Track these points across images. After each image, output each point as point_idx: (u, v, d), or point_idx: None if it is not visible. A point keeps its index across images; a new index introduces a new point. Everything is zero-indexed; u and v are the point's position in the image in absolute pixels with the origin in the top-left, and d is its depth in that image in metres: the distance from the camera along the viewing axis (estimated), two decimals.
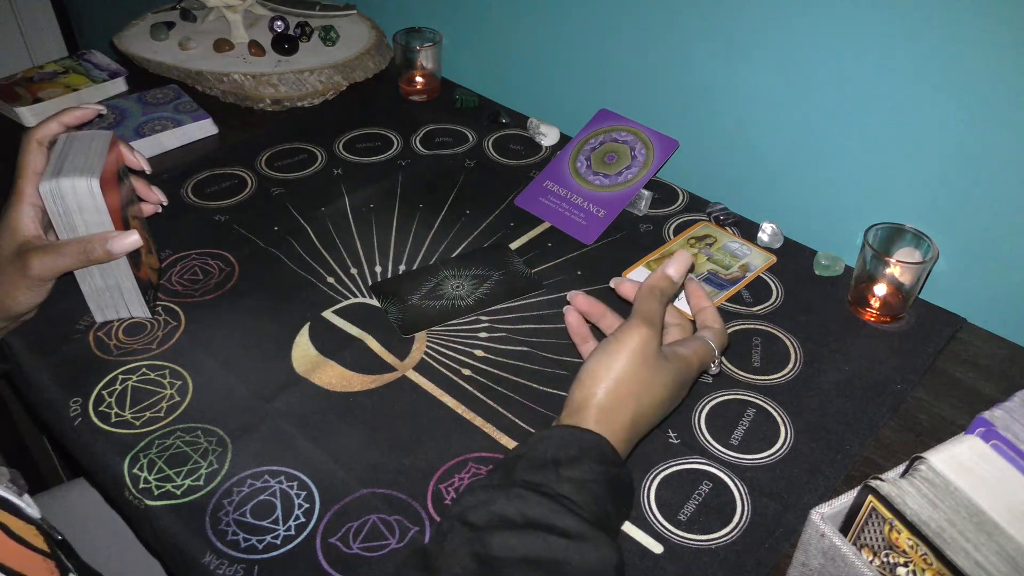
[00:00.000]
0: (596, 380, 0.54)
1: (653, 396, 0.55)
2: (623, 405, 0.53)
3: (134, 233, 0.65)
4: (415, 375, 0.69)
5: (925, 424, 0.66)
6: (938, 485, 0.45)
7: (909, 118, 0.74)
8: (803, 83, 0.80)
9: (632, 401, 0.54)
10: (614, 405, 0.53)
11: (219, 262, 0.80)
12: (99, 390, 0.66)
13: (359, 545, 0.56)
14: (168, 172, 0.92)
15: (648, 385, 0.54)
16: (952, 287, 0.77)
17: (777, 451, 0.63)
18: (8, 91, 1.02)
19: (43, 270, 0.64)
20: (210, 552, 0.55)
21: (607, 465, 0.51)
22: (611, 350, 0.55)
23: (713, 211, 0.87)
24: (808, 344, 0.72)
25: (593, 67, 0.98)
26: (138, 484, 0.59)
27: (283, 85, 1.04)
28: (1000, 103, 0.68)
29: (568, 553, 0.46)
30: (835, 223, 0.84)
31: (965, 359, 0.72)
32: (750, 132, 0.87)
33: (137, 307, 0.72)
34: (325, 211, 0.87)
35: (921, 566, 0.44)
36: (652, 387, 0.54)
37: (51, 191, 0.62)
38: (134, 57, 1.09)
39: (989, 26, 0.66)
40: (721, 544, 0.56)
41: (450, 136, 1.01)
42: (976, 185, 0.73)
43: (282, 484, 0.60)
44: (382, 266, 0.80)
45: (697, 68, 0.87)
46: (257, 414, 0.65)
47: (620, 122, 0.91)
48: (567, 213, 0.86)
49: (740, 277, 0.80)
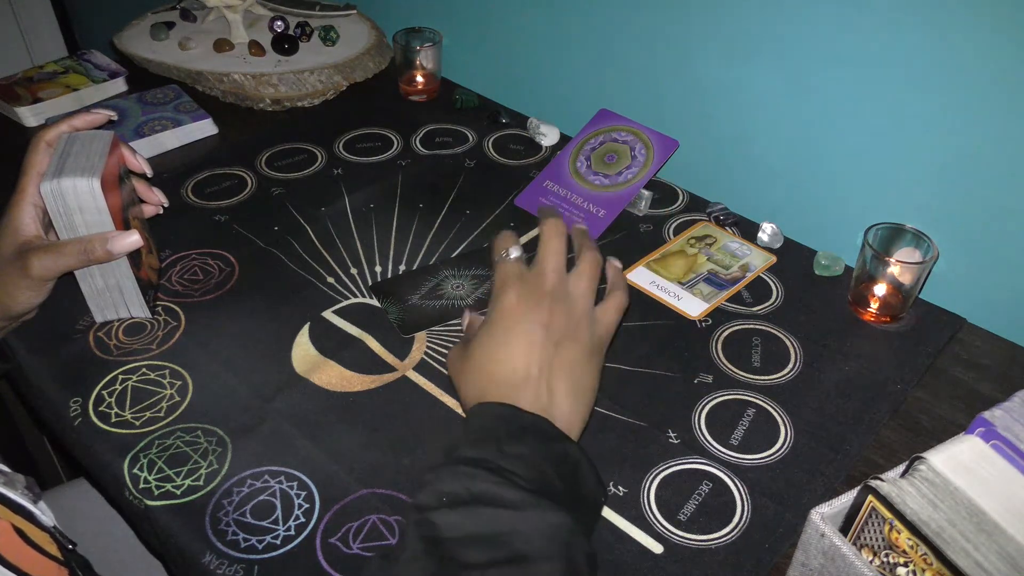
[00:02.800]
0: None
1: (593, 377, 0.56)
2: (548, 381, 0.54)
3: (134, 233, 0.65)
4: (415, 375, 0.69)
5: (925, 424, 0.66)
6: (938, 485, 0.45)
7: (909, 118, 0.74)
8: (803, 83, 0.80)
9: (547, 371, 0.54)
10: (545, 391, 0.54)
11: (219, 262, 0.80)
12: (99, 390, 0.66)
13: (359, 545, 0.56)
14: (168, 172, 0.92)
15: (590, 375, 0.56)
16: (952, 287, 0.77)
17: (777, 451, 0.63)
18: (8, 91, 1.02)
19: (43, 270, 0.64)
20: (210, 552, 0.55)
21: (550, 442, 0.51)
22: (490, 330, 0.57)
23: (713, 211, 0.87)
24: (808, 344, 0.72)
25: (593, 67, 0.98)
26: (138, 484, 0.59)
27: (283, 85, 1.04)
28: (1000, 103, 0.68)
29: (514, 522, 0.45)
30: (835, 223, 0.84)
31: (965, 359, 0.72)
32: (750, 132, 0.87)
33: (137, 307, 0.72)
34: (325, 211, 0.87)
35: (921, 566, 0.44)
36: (592, 373, 0.56)
37: (52, 191, 0.62)
38: (134, 57, 1.09)
39: (989, 26, 0.66)
40: (721, 544, 0.56)
41: (450, 136, 1.01)
42: (976, 185, 0.73)
43: (282, 484, 0.60)
44: (382, 266, 0.80)
45: (697, 68, 0.87)
46: (257, 414, 0.65)
47: (620, 122, 0.91)
48: (567, 213, 0.86)
49: (740, 277, 0.80)
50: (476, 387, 0.55)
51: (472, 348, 0.57)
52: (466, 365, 0.57)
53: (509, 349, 0.54)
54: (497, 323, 0.56)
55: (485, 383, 0.55)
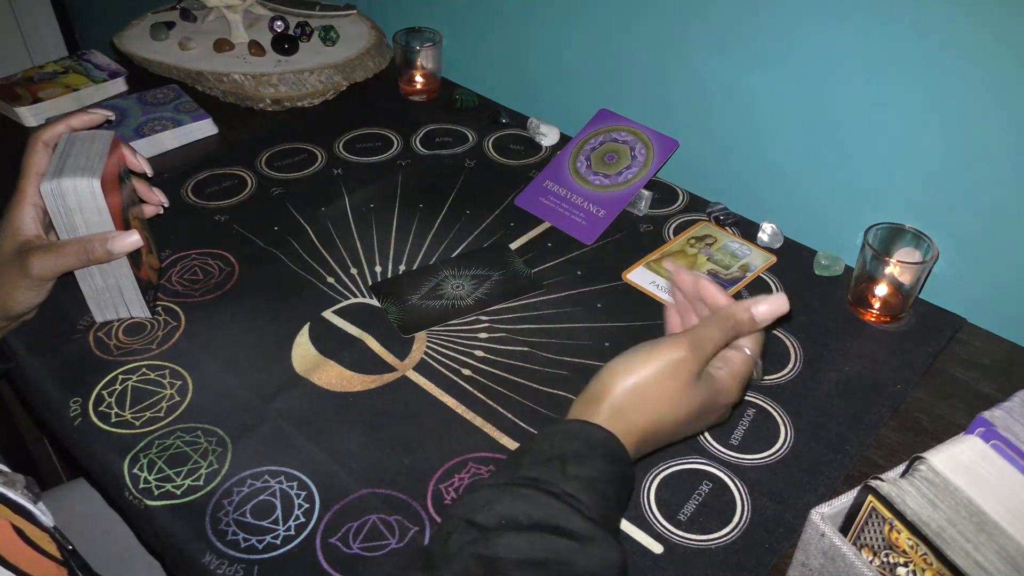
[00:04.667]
0: (615, 377, 0.52)
1: (675, 412, 0.52)
2: (638, 410, 0.51)
3: (134, 233, 0.65)
4: (415, 375, 0.69)
5: (925, 424, 0.66)
6: (938, 485, 0.45)
7: (909, 118, 0.74)
8: (803, 83, 0.80)
9: (649, 409, 0.51)
10: (628, 406, 0.51)
11: (219, 262, 0.80)
12: (99, 390, 0.66)
13: (359, 545, 0.56)
14: (168, 172, 0.92)
15: (671, 400, 0.51)
16: (952, 287, 0.77)
17: (777, 451, 0.63)
18: (8, 91, 1.02)
19: (43, 270, 0.64)
20: (210, 552, 0.55)
21: (615, 464, 0.50)
22: (642, 354, 0.52)
23: (713, 211, 0.87)
24: (808, 344, 0.72)
25: (593, 67, 0.98)
26: (138, 484, 0.59)
27: (283, 85, 1.04)
28: (1000, 103, 0.68)
29: (573, 554, 0.45)
30: (835, 223, 0.84)
31: (965, 359, 0.72)
32: (750, 132, 0.87)
33: (137, 307, 0.72)
34: (325, 211, 0.87)
35: (921, 566, 0.44)
36: (675, 403, 0.52)
37: (52, 191, 0.62)
38: (134, 57, 1.09)
39: (989, 26, 0.66)
40: (721, 544, 0.56)
41: (450, 136, 1.01)
42: (976, 185, 0.73)
43: (282, 484, 0.60)
44: (382, 266, 0.80)
45: (697, 68, 0.87)
46: (257, 414, 0.65)
47: (620, 122, 0.91)
48: (567, 213, 0.86)
49: (740, 277, 0.80)
50: (621, 415, 0.52)
51: (651, 378, 0.51)
52: (629, 376, 0.52)
53: (689, 426, 0.54)
54: (707, 412, 0.54)
55: (619, 400, 0.52)
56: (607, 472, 0.49)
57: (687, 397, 0.52)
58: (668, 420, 0.52)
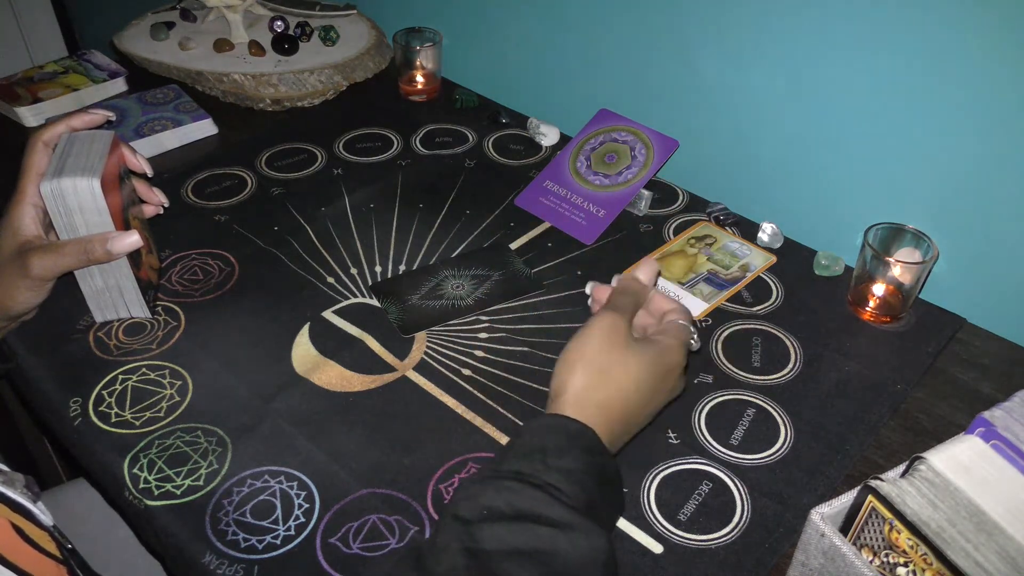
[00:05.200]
0: (568, 365, 0.54)
1: (630, 376, 0.53)
2: (597, 388, 0.53)
3: (134, 233, 0.65)
4: (415, 375, 0.69)
5: (925, 424, 0.66)
6: (938, 485, 0.45)
7: (909, 118, 0.74)
8: (803, 83, 0.80)
9: (606, 381, 0.53)
10: (587, 387, 0.53)
11: (219, 262, 0.80)
12: (99, 390, 0.66)
13: (359, 545, 0.56)
14: (168, 172, 0.92)
15: (623, 364, 0.53)
16: (952, 287, 0.77)
17: (777, 451, 0.63)
18: (8, 91, 1.02)
19: (43, 270, 0.64)
20: (210, 552, 0.55)
21: (593, 455, 0.51)
22: (579, 335, 0.55)
23: (713, 211, 0.87)
24: (808, 344, 0.72)
25: (593, 67, 0.98)
26: (138, 484, 0.59)
27: (283, 85, 1.04)
28: (1000, 103, 0.68)
29: (557, 543, 0.45)
30: (835, 223, 0.84)
31: (965, 359, 0.72)
32: (750, 132, 0.87)
33: (137, 307, 0.72)
34: (325, 211, 0.87)
35: (921, 566, 0.44)
36: (627, 367, 0.54)
37: (52, 191, 0.62)
38: (134, 57, 1.09)
39: (988, 26, 0.66)
40: (721, 544, 0.56)
41: (450, 136, 1.01)
42: (976, 185, 0.73)
43: (282, 484, 0.60)
44: (382, 266, 0.80)
45: (697, 68, 0.87)
46: (257, 414, 0.65)
47: (620, 122, 0.91)
48: (567, 213, 0.86)
49: (740, 277, 0.80)
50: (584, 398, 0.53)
51: (595, 352, 0.54)
52: (579, 357, 0.54)
53: (648, 406, 0.56)
54: (659, 378, 0.55)
55: (579, 383, 0.53)
56: (587, 463, 0.50)
57: (634, 356, 0.54)
58: (629, 388, 0.54)
